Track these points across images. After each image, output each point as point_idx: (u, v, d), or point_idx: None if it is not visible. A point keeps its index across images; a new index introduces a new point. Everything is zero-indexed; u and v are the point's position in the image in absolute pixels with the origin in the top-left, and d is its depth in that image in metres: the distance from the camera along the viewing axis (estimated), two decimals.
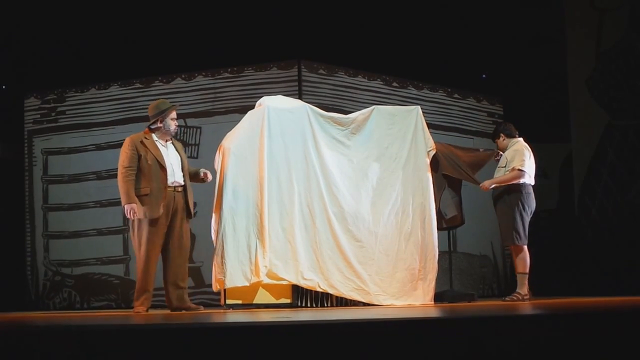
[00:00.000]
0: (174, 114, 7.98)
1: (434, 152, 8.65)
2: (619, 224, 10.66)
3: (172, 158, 7.87)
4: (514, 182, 8.35)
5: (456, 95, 12.06)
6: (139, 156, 7.74)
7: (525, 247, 8.41)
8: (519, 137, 8.61)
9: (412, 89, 11.55)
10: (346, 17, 11.08)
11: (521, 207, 8.35)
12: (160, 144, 7.89)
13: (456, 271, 10.69)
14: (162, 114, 7.90)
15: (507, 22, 11.67)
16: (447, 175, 8.72)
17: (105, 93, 11.38)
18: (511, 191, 8.38)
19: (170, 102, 8.19)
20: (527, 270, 8.40)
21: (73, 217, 11.33)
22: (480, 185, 8.58)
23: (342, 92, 10.82)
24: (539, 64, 11.91)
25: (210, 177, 8.16)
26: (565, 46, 11.21)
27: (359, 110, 9.03)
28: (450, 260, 9.11)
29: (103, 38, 11.29)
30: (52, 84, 11.60)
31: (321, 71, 10.69)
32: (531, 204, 8.42)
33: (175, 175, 7.82)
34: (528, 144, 8.56)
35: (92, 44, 11.34)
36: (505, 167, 8.45)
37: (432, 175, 8.63)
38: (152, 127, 7.96)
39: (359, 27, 11.12)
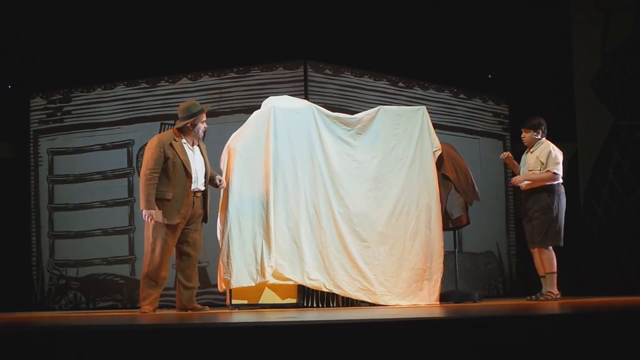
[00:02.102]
0: (204, 116, 7.80)
1: (439, 152, 8.66)
2: (625, 224, 10.65)
3: (197, 164, 7.76)
4: (548, 183, 8.43)
5: (462, 96, 12.05)
6: (166, 159, 7.61)
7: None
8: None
9: (418, 89, 11.55)
10: (352, 18, 11.07)
11: (561, 207, 8.53)
12: (187, 147, 7.75)
13: (461, 271, 10.68)
14: (194, 117, 7.72)
15: (513, 22, 11.66)
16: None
17: (111, 93, 11.37)
18: (550, 192, 8.51)
19: (200, 103, 7.99)
20: (555, 269, 8.56)
21: (78, 217, 11.32)
22: (512, 180, 8.72)
23: (348, 92, 10.81)
24: (544, 64, 11.91)
25: (224, 185, 8.08)
26: (571, 46, 11.20)
27: (365, 110, 9.03)
28: (455, 260, 9.10)
29: (109, 38, 11.28)
30: (57, 84, 11.59)
31: (327, 71, 10.68)
32: (565, 203, 8.59)
33: (198, 182, 7.75)
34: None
35: (97, 44, 11.34)
36: (539, 170, 8.51)
37: (438, 175, 8.64)
38: (181, 128, 7.78)
39: (364, 27, 11.11)
